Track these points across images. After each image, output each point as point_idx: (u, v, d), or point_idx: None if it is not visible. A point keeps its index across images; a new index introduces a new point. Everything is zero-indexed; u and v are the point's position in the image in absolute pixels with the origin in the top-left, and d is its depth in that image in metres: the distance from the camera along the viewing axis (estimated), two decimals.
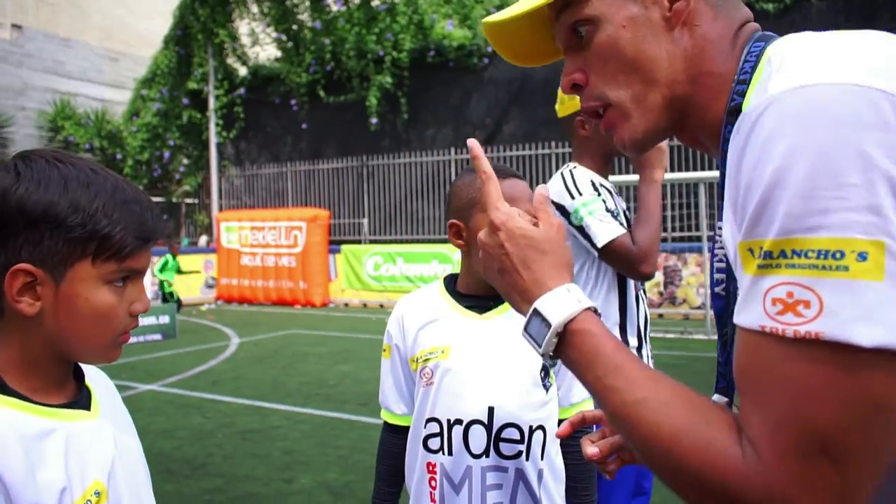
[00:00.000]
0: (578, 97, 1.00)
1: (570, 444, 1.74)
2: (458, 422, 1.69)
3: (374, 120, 16.43)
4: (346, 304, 15.87)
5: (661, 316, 12.44)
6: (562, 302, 0.90)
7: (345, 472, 4.89)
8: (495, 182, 1.03)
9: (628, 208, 2.67)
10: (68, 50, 20.64)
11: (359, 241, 16.76)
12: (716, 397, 0.99)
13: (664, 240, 13.18)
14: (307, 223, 15.86)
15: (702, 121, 0.93)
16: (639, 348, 2.63)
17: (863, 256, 0.64)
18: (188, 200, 20.46)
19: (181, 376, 8.18)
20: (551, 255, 0.95)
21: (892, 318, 0.64)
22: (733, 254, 0.77)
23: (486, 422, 1.68)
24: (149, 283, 13.47)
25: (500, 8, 17.54)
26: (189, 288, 16.62)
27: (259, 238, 16.49)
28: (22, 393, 1.06)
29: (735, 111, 0.84)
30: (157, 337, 10.93)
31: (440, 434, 1.71)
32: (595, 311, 0.90)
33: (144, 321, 10.83)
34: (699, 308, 12.15)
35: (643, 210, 2.44)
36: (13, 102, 19.15)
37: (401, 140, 16.86)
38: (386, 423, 1.92)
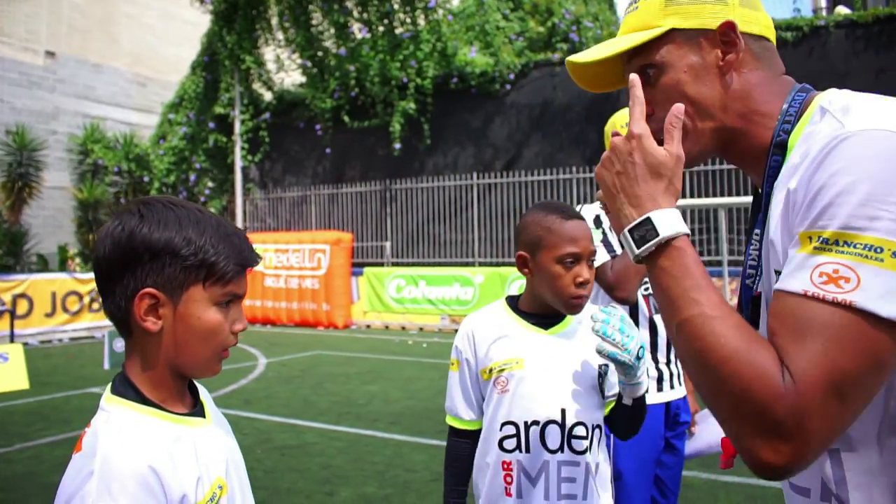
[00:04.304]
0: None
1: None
2: (535, 423, 1.94)
3: (397, 145, 16.72)
4: (369, 326, 16.07)
5: None
6: (674, 220, 1.06)
7: (383, 486, 5.08)
8: (642, 105, 1.15)
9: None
10: (99, 75, 21.11)
11: (381, 264, 16.99)
12: None
13: None
14: (330, 246, 16.11)
15: (748, 148, 1.16)
16: (667, 363, 2.89)
17: None
18: None
19: (215, 395, 8.37)
20: (666, 180, 1.11)
21: None
22: (782, 247, 1.01)
23: (559, 421, 1.93)
24: None
25: (520, 35, 18.07)
26: None
27: (283, 260, 16.74)
28: (156, 403, 1.29)
29: (781, 145, 1.10)
30: None
31: (516, 435, 1.95)
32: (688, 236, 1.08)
33: None
34: None
35: None
36: (45, 126, 19.59)
37: (423, 164, 17.14)
38: (453, 429, 2.13)
